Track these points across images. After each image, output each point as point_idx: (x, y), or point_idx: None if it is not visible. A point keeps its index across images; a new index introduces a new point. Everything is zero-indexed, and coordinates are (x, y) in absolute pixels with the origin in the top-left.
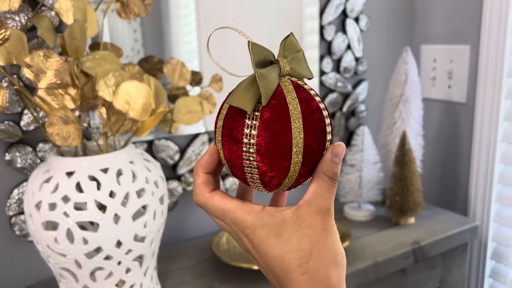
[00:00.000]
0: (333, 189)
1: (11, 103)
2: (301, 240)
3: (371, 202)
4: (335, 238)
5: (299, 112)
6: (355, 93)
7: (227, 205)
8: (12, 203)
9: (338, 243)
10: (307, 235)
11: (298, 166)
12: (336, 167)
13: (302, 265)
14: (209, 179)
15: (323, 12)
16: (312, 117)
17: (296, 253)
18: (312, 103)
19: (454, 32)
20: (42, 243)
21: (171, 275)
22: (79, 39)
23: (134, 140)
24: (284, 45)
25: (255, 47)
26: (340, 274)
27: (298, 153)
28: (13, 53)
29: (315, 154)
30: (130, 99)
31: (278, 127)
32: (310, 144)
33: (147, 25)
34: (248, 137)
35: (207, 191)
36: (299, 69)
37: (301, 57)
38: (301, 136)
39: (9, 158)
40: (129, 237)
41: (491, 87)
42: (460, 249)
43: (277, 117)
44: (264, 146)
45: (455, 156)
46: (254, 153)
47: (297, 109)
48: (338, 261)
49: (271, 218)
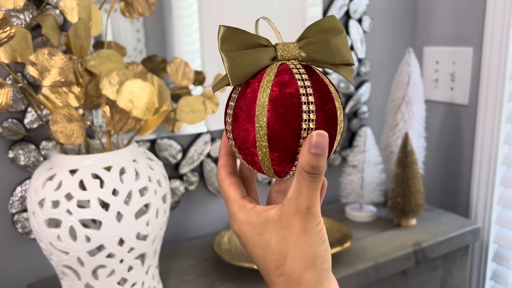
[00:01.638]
0: (313, 186)
1: (15, 101)
2: (280, 241)
3: (373, 203)
4: (316, 240)
5: (267, 96)
6: (358, 94)
7: (229, 194)
8: (15, 201)
9: (318, 246)
10: (285, 237)
11: (266, 150)
12: (315, 160)
13: (278, 268)
14: (228, 161)
15: (326, 13)
16: (283, 101)
17: (274, 255)
18: (288, 87)
19: (457, 34)
20: (45, 240)
21: (172, 274)
22: (83, 38)
23: (137, 139)
24: (307, 29)
25: (224, 32)
26: (318, 278)
27: (262, 138)
28: (17, 51)
29: (285, 140)
30: (134, 97)
31: (244, 110)
32: (275, 129)
33: (149, 25)
34: (228, 121)
35: (224, 174)
36: (314, 54)
37: (326, 41)
38: (264, 119)
39: (13, 156)
40: (132, 235)
41: (494, 90)
42: (461, 251)
43: (244, 101)
44: (233, 130)
45: (457, 158)
46: (232, 139)
47: (266, 92)
48: (317, 265)
49: (257, 217)
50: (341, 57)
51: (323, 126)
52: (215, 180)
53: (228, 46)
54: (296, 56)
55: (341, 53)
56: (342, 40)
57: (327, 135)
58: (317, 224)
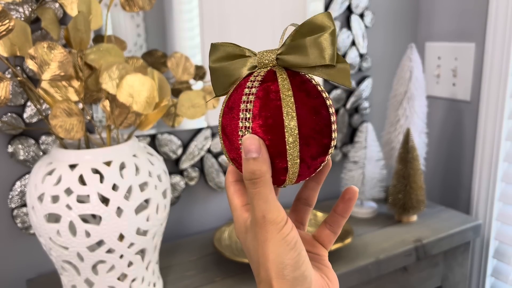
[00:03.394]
0: (259, 194)
1: (14, 95)
2: (253, 251)
3: (374, 199)
4: (281, 249)
5: (233, 99)
6: (359, 89)
7: (232, 201)
8: (14, 196)
9: (285, 255)
10: (255, 247)
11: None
12: (250, 164)
13: (257, 276)
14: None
15: (327, 8)
16: (226, 109)
17: (253, 264)
18: (237, 94)
19: (459, 29)
20: (44, 235)
21: (172, 270)
22: (83, 31)
23: (137, 134)
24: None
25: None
26: (291, 287)
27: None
28: (16, 44)
29: (228, 150)
30: (134, 92)
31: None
32: (223, 138)
33: (150, 19)
34: None
35: (230, 180)
36: (288, 59)
37: (301, 44)
38: (220, 119)
39: (12, 150)
40: (132, 230)
41: (496, 85)
42: (462, 248)
43: (226, 106)
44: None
45: (459, 154)
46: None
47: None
48: (286, 274)
49: (242, 226)
50: (319, 59)
51: (261, 134)
52: (215, 175)
53: (213, 60)
54: (272, 62)
55: (320, 55)
56: (323, 40)
57: (256, 138)
58: (279, 231)
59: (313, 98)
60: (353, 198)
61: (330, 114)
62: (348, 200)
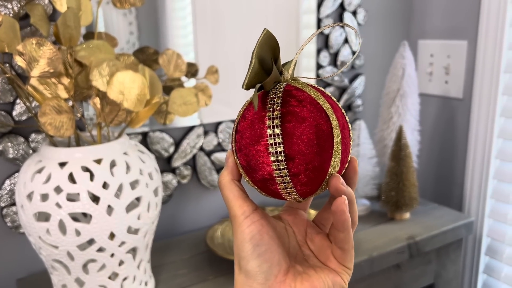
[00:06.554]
0: (223, 196)
1: (3, 92)
2: None
3: (367, 197)
4: (239, 241)
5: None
6: (352, 87)
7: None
8: (3, 194)
9: (242, 247)
10: None
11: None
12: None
13: None
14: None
15: (320, 5)
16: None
17: None
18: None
19: (452, 27)
20: (34, 234)
21: (165, 268)
22: (72, 28)
23: (128, 131)
24: None
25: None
26: (244, 280)
27: None
28: (5, 40)
29: None
30: (125, 89)
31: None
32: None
33: (142, 17)
34: None
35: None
36: None
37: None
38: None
39: (1, 149)
40: (123, 229)
41: (488, 83)
42: (454, 245)
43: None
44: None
45: (451, 151)
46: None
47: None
48: (242, 266)
49: None
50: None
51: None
52: (208, 173)
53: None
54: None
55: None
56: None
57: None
58: (239, 224)
59: None
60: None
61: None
62: None
